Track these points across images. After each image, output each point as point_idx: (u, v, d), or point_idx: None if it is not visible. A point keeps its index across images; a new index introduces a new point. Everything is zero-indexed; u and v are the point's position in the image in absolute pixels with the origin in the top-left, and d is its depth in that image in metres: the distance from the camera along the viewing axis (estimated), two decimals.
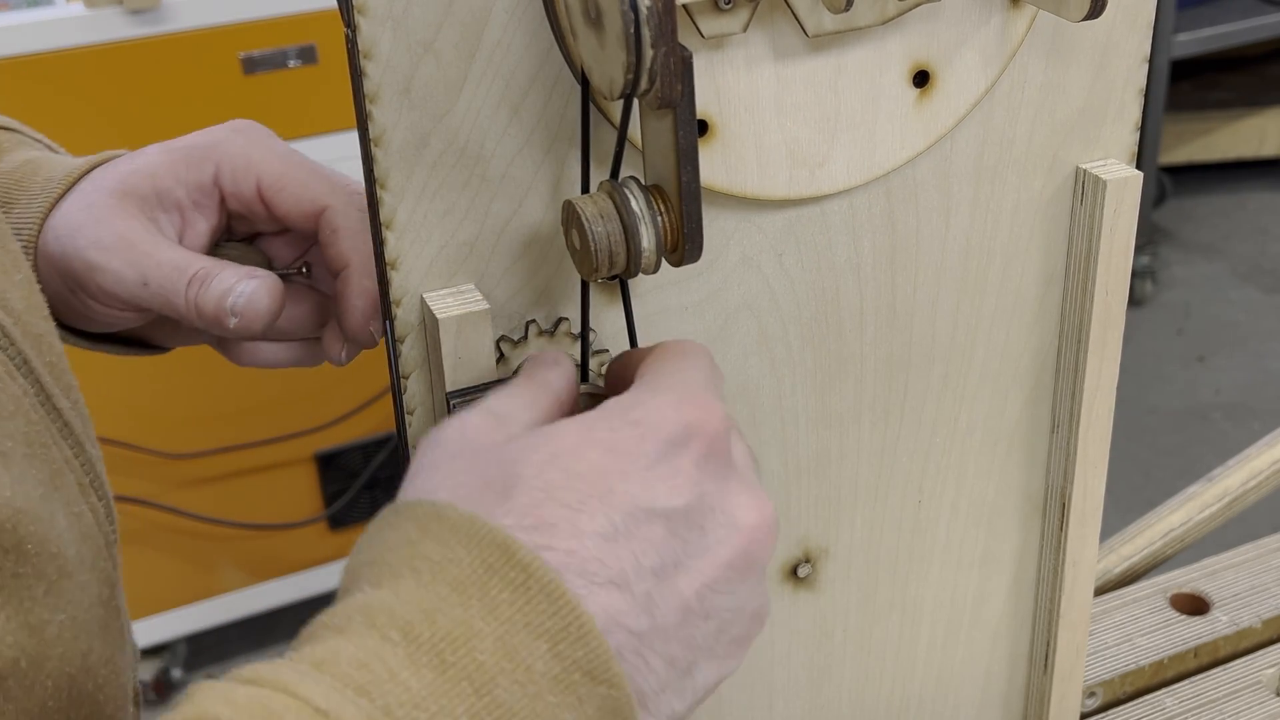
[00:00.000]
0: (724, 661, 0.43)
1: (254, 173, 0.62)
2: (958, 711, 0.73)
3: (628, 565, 0.40)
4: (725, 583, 0.42)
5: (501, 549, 0.39)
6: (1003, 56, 0.56)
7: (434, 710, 0.36)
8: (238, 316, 0.58)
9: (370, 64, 0.47)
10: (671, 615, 0.41)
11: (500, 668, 0.37)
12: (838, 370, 0.61)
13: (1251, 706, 0.82)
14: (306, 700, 0.36)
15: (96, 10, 1.66)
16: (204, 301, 0.58)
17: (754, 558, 0.43)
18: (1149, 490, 2.48)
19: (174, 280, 0.59)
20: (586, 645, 0.38)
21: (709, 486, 0.42)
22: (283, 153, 0.63)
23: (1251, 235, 3.35)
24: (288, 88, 1.78)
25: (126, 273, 0.59)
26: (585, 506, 0.40)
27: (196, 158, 0.62)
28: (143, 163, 0.62)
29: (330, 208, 0.61)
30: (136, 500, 1.88)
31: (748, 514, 0.43)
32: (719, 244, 0.55)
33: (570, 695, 0.38)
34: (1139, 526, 0.98)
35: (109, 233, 0.59)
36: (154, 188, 0.61)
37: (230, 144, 0.62)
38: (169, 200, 0.61)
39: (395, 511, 0.42)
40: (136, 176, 0.61)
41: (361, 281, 0.60)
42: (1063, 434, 0.66)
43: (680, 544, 0.41)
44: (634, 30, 0.41)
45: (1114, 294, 0.62)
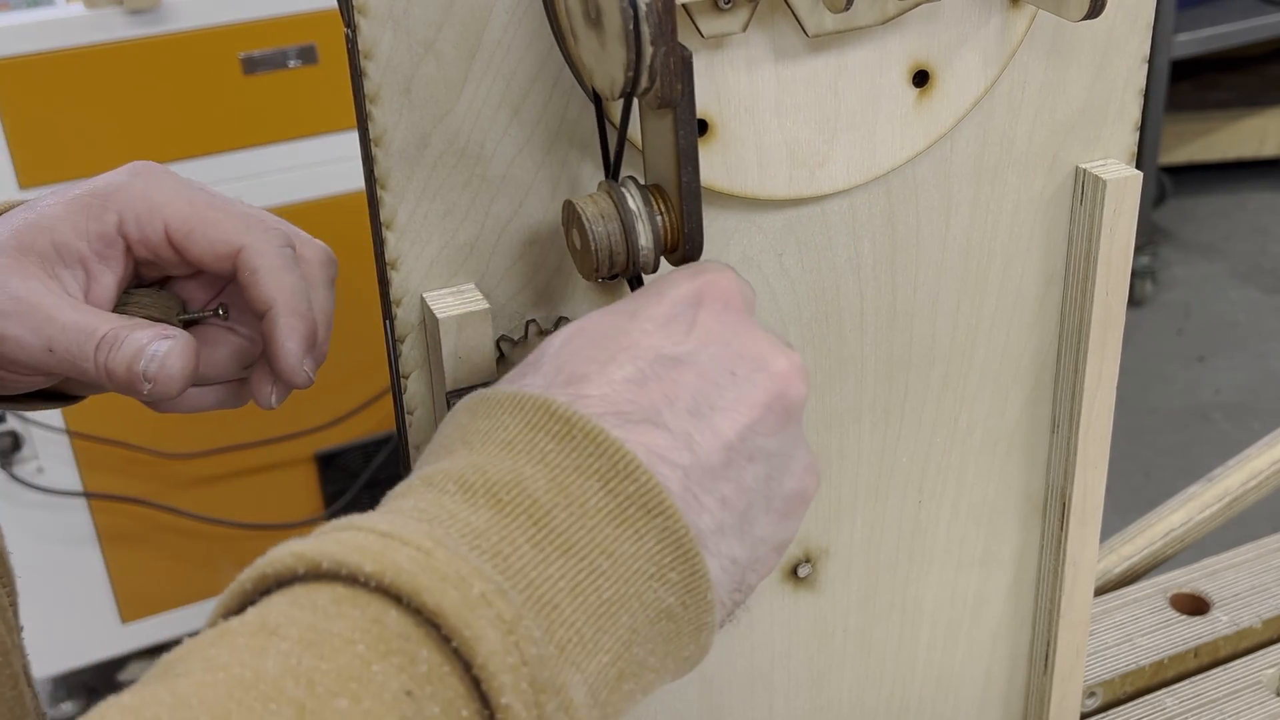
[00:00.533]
0: (783, 520, 0.45)
1: (159, 217, 0.58)
2: (958, 712, 0.73)
3: (660, 404, 0.42)
4: (764, 424, 0.44)
5: (543, 409, 0.41)
6: (1003, 56, 0.56)
7: (496, 540, 0.38)
8: (151, 382, 0.55)
9: (370, 64, 0.47)
10: (715, 454, 0.43)
11: (555, 503, 0.39)
12: (838, 370, 0.61)
13: (1251, 706, 0.82)
14: (371, 528, 0.38)
15: (96, 10, 1.66)
16: (114, 365, 0.55)
17: (790, 401, 0.44)
18: (1149, 490, 2.48)
19: (81, 344, 0.55)
20: (636, 480, 0.40)
21: (732, 336, 0.44)
22: (189, 193, 0.59)
23: (1251, 235, 3.35)
24: (288, 88, 1.78)
25: (29, 339, 0.55)
26: (613, 359, 0.43)
27: (96, 207, 0.58)
28: (38, 216, 0.58)
29: (246, 247, 0.57)
30: (136, 500, 1.88)
31: (776, 359, 0.45)
32: (719, 244, 0.55)
33: (628, 528, 0.40)
34: (1139, 526, 0.98)
35: (5, 297, 0.55)
36: (52, 242, 0.57)
37: (131, 189, 0.58)
38: (70, 254, 0.57)
39: (451, 411, 0.44)
40: (33, 231, 0.57)
41: (290, 321, 0.57)
42: (1063, 434, 0.66)
43: (712, 387, 0.43)
44: (633, 27, 0.41)
45: (1114, 294, 0.62)
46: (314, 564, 0.37)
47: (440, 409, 0.53)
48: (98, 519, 1.89)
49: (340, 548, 0.37)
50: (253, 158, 1.79)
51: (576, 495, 0.40)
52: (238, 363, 0.62)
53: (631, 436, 0.41)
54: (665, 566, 0.40)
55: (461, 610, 0.36)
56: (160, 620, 2.01)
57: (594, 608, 0.39)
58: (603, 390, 0.42)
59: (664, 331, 0.44)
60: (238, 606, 0.38)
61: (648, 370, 0.43)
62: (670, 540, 0.40)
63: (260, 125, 1.78)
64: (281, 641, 0.35)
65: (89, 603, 1.94)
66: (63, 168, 1.71)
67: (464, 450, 0.41)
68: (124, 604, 1.97)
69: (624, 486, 0.40)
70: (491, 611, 0.36)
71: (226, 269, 0.58)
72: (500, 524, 0.39)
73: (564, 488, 0.40)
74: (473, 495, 0.39)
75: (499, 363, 0.53)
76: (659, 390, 0.42)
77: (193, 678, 0.34)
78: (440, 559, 0.37)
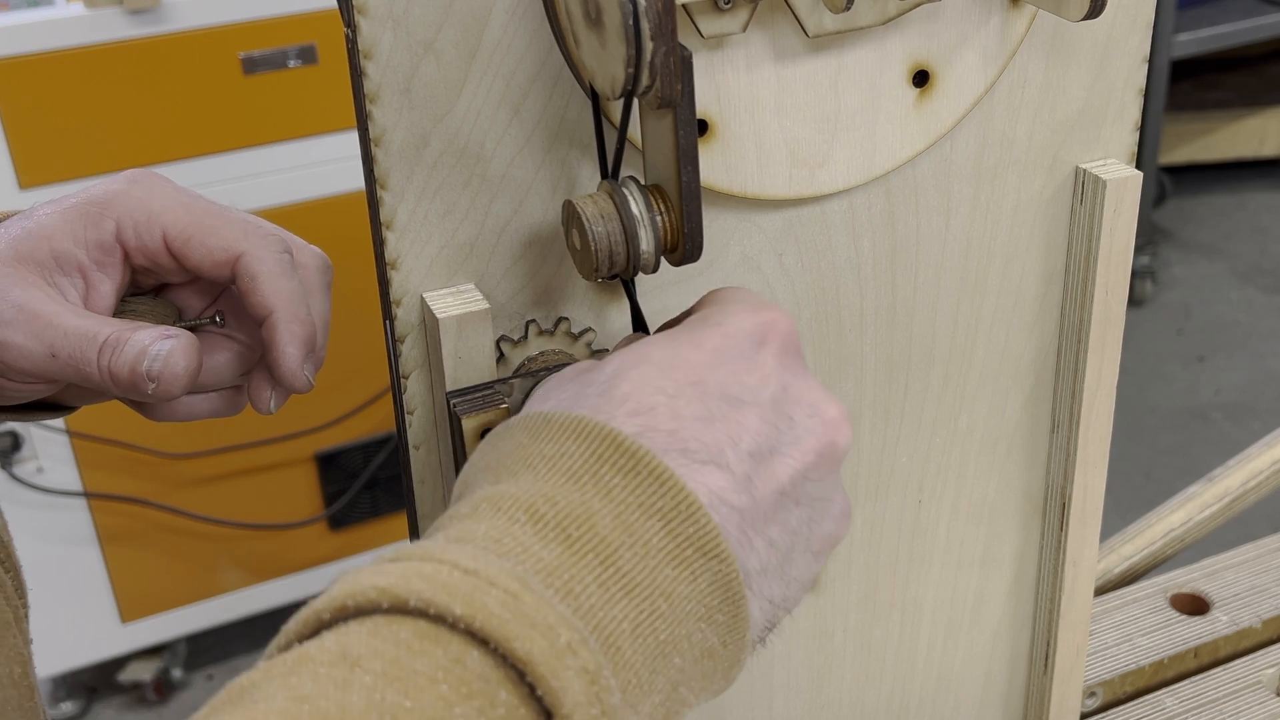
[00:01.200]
0: (816, 557, 0.46)
1: (157, 225, 0.58)
2: (958, 711, 0.73)
3: (726, 445, 0.43)
4: (815, 470, 0.45)
5: (609, 440, 0.41)
6: (1003, 56, 0.56)
7: (567, 578, 0.39)
8: (155, 381, 0.55)
9: (370, 64, 0.47)
10: (769, 498, 0.43)
11: (621, 542, 0.40)
12: (838, 370, 0.61)
13: (1251, 706, 0.82)
14: (455, 563, 0.38)
15: (96, 10, 1.66)
16: (118, 368, 0.55)
17: (839, 448, 0.45)
18: (1149, 490, 2.48)
19: (83, 349, 0.55)
20: (696, 523, 0.41)
21: (791, 380, 0.45)
22: (186, 201, 0.59)
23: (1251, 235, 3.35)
24: (288, 88, 1.78)
25: (32, 346, 0.55)
26: (681, 393, 0.43)
27: (94, 215, 0.58)
28: (35, 225, 0.58)
29: (245, 253, 0.58)
30: (136, 500, 1.88)
31: (829, 406, 0.45)
32: (719, 244, 0.55)
33: (685, 569, 0.40)
34: (1139, 526, 0.98)
35: (6, 305, 0.56)
36: (51, 251, 0.57)
37: (128, 197, 0.59)
38: (68, 263, 0.58)
39: (506, 426, 0.44)
40: (30, 241, 0.57)
41: (290, 327, 0.57)
42: (1063, 434, 0.66)
43: (773, 430, 0.44)
44: (633, 23, 0.41)
45: (1114, 294, 0.62)
46: (400, 600, 0.36)
47: (440, 409, 0.53)
48: (98, 519, 1.89)
49: (427, 585, 0.37)
50: (253, 158, 1.79)
51: (640, 534, 0.40)
52: (235, 369, 0.62)
53: (695, 476, 0.42)
54: (714, 609, 0.41)
55: (550, 659, 0.36)
56: (160, 620, 2.01)
57: (651, 649, 0.39)
58: (670, 425, 0.42)
59: (729, 368, 0.44)
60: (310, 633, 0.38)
61: (714, 409, 0.43)
62: (721, 583, 0.41)
63: (260, 125, 1.78)
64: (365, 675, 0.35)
65: (89, 603, 1.94)
66: (63, 168, 1.71)
67: (528, 475, 0.41)
68: (124, 604, 1.97)
69: (684, 528, 0.40)
70: (577, 662, 0.37)
71: (225, 275, 0.58)
72: (570, 561, 0.39)
73: (628, 526, 0.40)
74: (544, 529, 0.40)
75: (499, 363, 0.53)
76: (724, 430, 0.43)
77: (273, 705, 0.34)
78: (529, 604, 0.37)
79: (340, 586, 0.38)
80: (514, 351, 0.54)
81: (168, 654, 2.11)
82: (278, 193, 1.81)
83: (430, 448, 0.54)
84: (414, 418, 0.54)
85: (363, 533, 2.08)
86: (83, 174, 1.72)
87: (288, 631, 0.38)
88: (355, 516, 2.06)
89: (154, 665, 2.09)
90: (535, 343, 0.54)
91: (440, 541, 0.39)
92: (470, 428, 0.49)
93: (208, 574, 2.01)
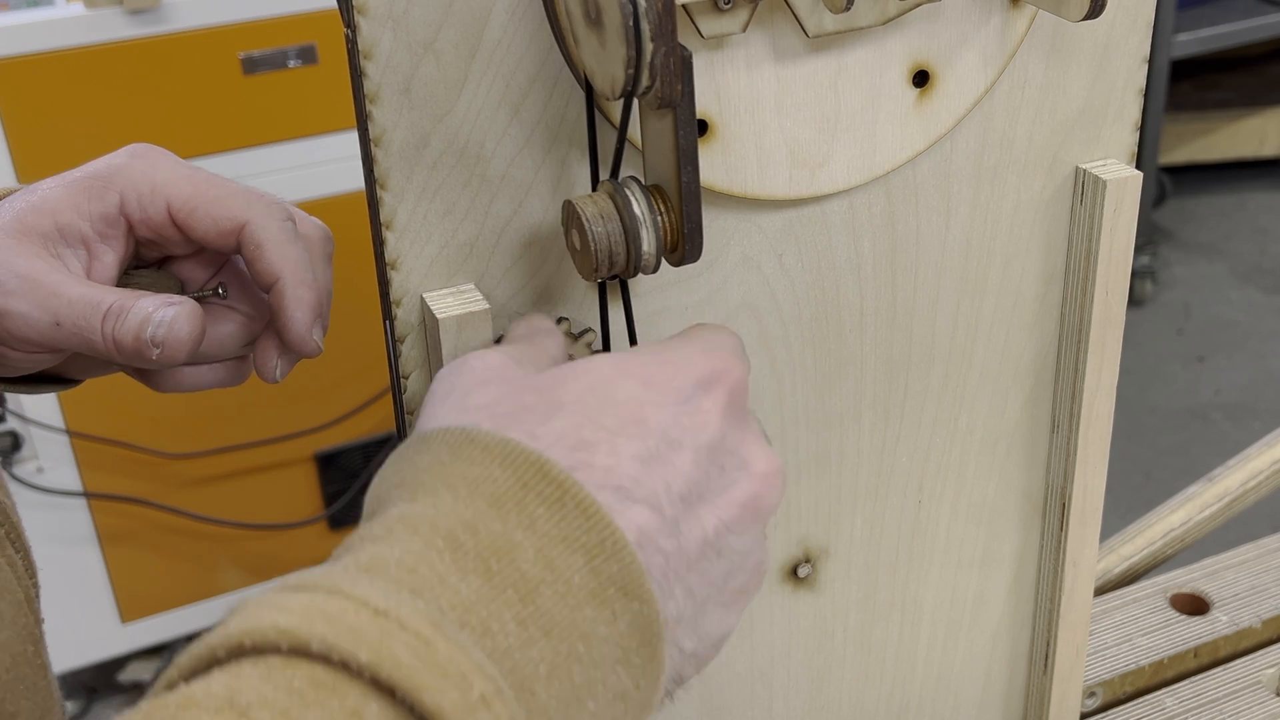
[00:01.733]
0: (728, 611, 0.45)
1: (162, 196, 0.59)
2: (958, 711, 0.73)
3: (659, 488, 0.42)
4: (738, 523, 0.44)
5: (536, 466, 0.40)
6: (1003, 56, 0.56)
7: (484, 615, 0.37)
8: (159, 347, 0.55)
9: (370, 64, 0.47)
10: (693, 545, 0.42)
11: (542, 578, 0.38)
12: (838, 370, 0.61)
13: (1251, 706, 0.82)
14: (364, 601, 0.35)
15: (96, 10, 1.66)
16: (122, 335, 0.56)
17: (764, 504, 0.45)
18: (1149, 490, 2.48)
19: (88, 317, 0.56)
20: (620, 560, 0.39)
21: (729, 430, 0.44)
22: (188, 173, 0.60)
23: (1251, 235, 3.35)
24: (288, 88, 1.78)
25: (36, 314, 0.56)
26: (623, 430, 0.42)
27: (98, 188, 0.59)
28: (39, 199, 0.59)
29: (250, 221, 0.58)
30: (136, 500, 1.88)
31: (760, 461, 0.45)
32: (719, 244, 0.55)
33: (605, 610, 0.39)
34: (1139, 526, 0.98)
35: (10, 275, 0.56)
36: (55, 223, 0.58)
37: (131, 170, 0.59)
38: (72, 235, 0.58)
39: (422, 439, 0.42)
40: (34, 214, 0.58)
41: (297, 292, 0.58)
42: (1063, 434, 0.66)
43: (704, 477, 0.43)
44: (633, 23, 0.41)
45: (1114, 294, 0.62)
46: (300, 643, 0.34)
47: None
48: (98, 519, 1.89)
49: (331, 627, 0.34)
50: (253, 158, 1.79)
51: (562, 571, 0.39)
52: (239, 340, 0.63)
53: (626, 514, 0.41)
54: (631, 651, 0.40)
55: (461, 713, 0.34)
56: (160, 620, 2.01)
57: (566, 693, 0.38)
58: (607, 461, 0.41)
59: (674, 410, 0.43)
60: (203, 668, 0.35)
61: (654, 450, 0.42)
62: (640, 624, 0.40)
63: (260, 125, 1.78)
64: None
65: (89, 603, 1.94)
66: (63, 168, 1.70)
67: (448, 496, 0.40)
68: (124, 604, 1.97)
69: (608, 566, 0.39)
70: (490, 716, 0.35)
71: (230, 245, 0.59)
72: (489, 596, 0.37)
73: (550, 561, 0.39)
74: (463, 559, 0.38)
75: None
76: (660, 474, 0.42)
77: None
78: (442, 652, 0.35)
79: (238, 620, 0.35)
80: None
81: (168, 654, 2.11)
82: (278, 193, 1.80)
83: None
84: (414, 418, 0.54)
85: None
86: None
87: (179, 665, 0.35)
88: (355, 516, 2.06)
89: (154, 665, 2.09)
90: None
91: (350, 570, 0.37)
92: None
93: (208, 574, 2.01)
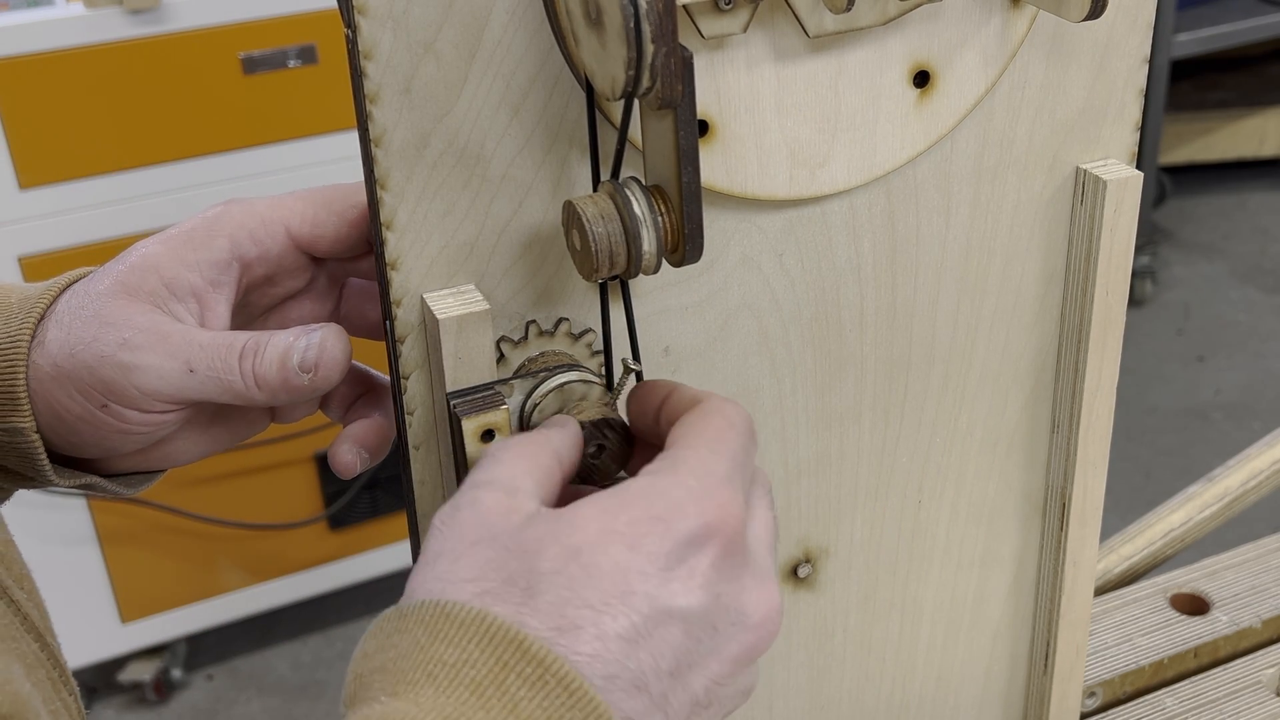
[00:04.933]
0: None
1: (277, 224, 0.58)
2: (958, 711, 0.73)
3: (647, 667, 0.41)
4: (731, 676, 0.44)
5: (515, 645, 0.39)
6: (1003, 57, 0.56)
7: None
8: (311, 371, 0.54)
9: (370, 64, 0.47)
10: (682, 710, 0.42)
11: None
12: (838, 370, 0.61)
13: (1251, 706, 0.82)
14: None
15: (96, 10, 1.66)
16: (264, 368, 0.54)
17: (759, 650, 0.44)
18: (1149, 490, 2.48)
19: (224, 357, 0.55)
20: None
21: (724, 587, 0.43)
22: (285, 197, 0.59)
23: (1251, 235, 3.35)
24: (288, 88, 1.78)
25: (168, 365, 0.54)
26: (608, 608, 0.41)
27: (202, 237, 0.57)
28: (138, 259, 0.57)
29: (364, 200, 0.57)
30: (136, 500, 1.88)
31: (757, 609, 0.44)
32: (719, 244, 0.55)
33: None
34: (1139, 526, 0.98)
35: (134, 331, 0.55)
36: (161, 279, 0.57)
37: (231, 214, 0.58)
38: (182, 288, 0.57)
39: (400, 615, 0.42)
40: (136, 274, 0.57)
41: None
42: (1063, 434, 0.66)
43: (695, 644, 0.42)
44: (634, 25, 0.41)
45: (1114, 294, 0.62)
46: None
47: (440, 409, 0.53)
48: (98, 519, 1.89)
49: None
50: (253, 158, 1.79)
51: None
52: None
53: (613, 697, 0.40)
54: None
55: None
56: (160, 620, 2.01)
57: None
58: (594, 647, 0.40)
59: (662, 579, 0.42)
60: None
61: (641, 627, 0.41)
62: None
63: (260, 125, 1.78)
64: None
65: (89, 603, 1.94)
66: (63, 168, 1.71)
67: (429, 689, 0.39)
68: (124, 604, 1.97)
69: None
70: None
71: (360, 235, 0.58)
72: None
73: None
74: None
75: (499, 363, 0.53)
76: (648, 652, 0.41)
77: None
78: None
79: None
80: (514, 352, 0.54)
81: (168, 654, 2.11)
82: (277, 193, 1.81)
83: (430, 448, 0.54)
84: (414, 418, 0.54)
85: (363, 533, 2.08)
86: (83, 174, 1.72)
87: None
88: (355, 516, 2.06)
89: (154, 665, 2.09)
90: (535, 343, 0.54)
91: None
92: (470, 428, 0.49)
93: (208, 574, 2.01)
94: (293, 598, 2.07)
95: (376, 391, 0.61)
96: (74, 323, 0.56)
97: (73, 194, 1.73)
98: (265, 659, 2.18)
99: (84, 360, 0.55)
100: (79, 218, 1.74)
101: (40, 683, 0.50)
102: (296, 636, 2.21)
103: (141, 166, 1.75)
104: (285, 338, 0.55)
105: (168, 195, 1.77)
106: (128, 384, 0.55)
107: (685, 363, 0.57)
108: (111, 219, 1.75)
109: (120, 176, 1.74)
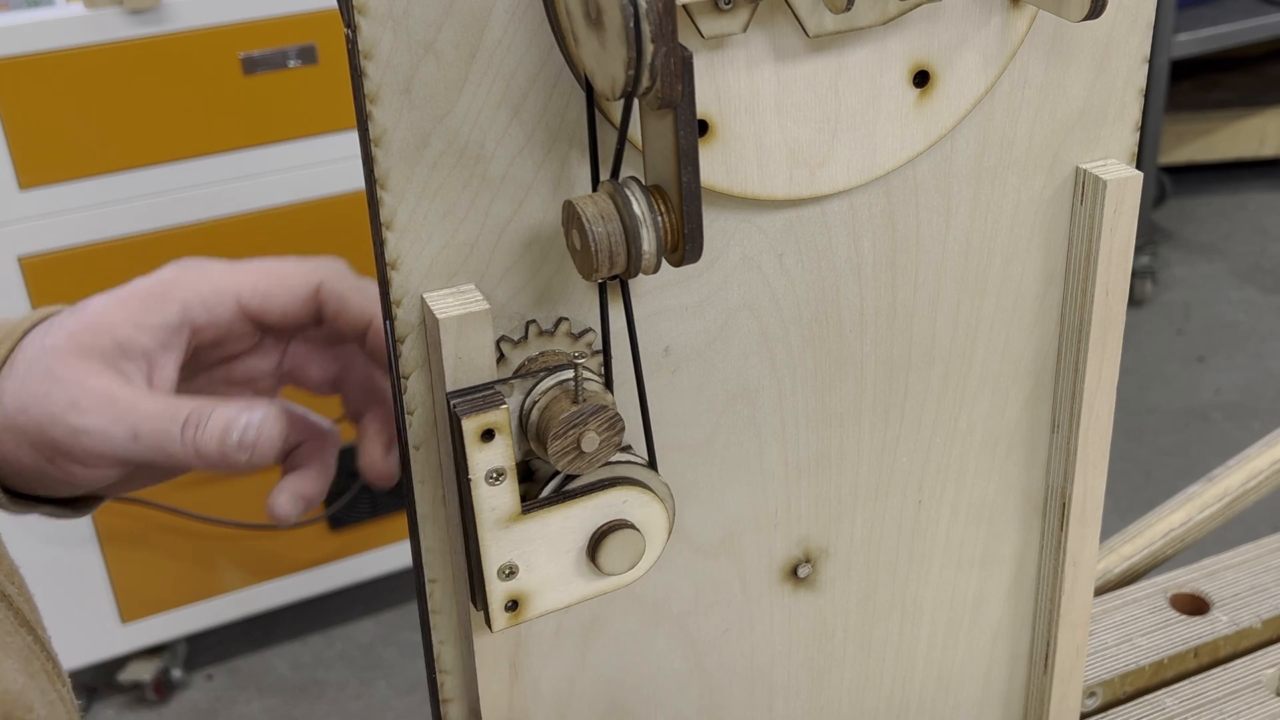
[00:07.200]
0: None
1: (229, 294, 0.60)
2: (958, 711, 0.73)
3: None
4: None
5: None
6: (1003, 56, 0.56)
7: None
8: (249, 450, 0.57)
9: (370, 64, 0.47)
10: None
11: None
12: (838, 370, 0.61)
13: (1251, 706, 0.82)
14: None
15: (96, 10, 1.66)
16: (205, 442, 0.57)
17: None
18: (1149, 490, 2.48)
19: (167, 427, 0.57)
20: None
21: None
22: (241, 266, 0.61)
23: (1251, 235, 3.35)
24: (288, 88, 1.78)
25: (114, 430, 0.57)
26: None
27: (155, 299, 0.60)
28: (92, 317, 0.59)
29: (323, 281, 0.60)
30: (136, 500, 1.88)
31: None
32: (719, 244, 0.55)
33: None
34: (1139, 526, 0.98)
35: (82, 393, 0.57)
36: (113, 340, 0.59)
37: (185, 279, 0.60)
38: (133, 349, 0.59)
39: None
40: (90, 333, 0.59)
41: None
42: (1063, 434, 0.66)
43: None
44: (633, 25, 0.41)
45: (1114, 294, 0.62)
46: None
47: (440, 409, 0.53)
48: (98, 519, 1.89)
49: None
50: (253, 158, 1.79)
51: None
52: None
53: None
54: None
55: None
56: (160, 620, 2.01)
57: None
58: None
59: None
60: None
61: None
62: None
63: (260, 125, 1.78)
64: None
65: (89, 603, 1.94)
66: (63, 168, 1.71)
67: None
68: (124, 604, 1.97)
69: None
70: None
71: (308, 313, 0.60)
72: None
73: None
74: None
75: (499, 363, 0.53)
76: None
77: None
78: None
79: None
80: (514, 352, 0.54)
81: (168, 654, 2.11)
82: (278, 193, 1.81)
83: (430, 448, 0.54)
84: (414, 418, 0.54)
85: (363, 533, 2.08)
86: (83, 174, 1.72)
87: None
88: (355, 516, 2.06)
89: (154, 665, 2.09)
90: (535, 343, 0.54)
91: None
92: (470, 428, 0.49)
93: (208, 574, 2.01)
94: (292, 598, 2.07)
95: (318, 440, 0.63)
96: (28, 375, 0.58)
97: (73, 194, 1.73)
98: (265, 659, 2.18)
99: (34, 418, 0.58)
100: (79, 218, 1.74)
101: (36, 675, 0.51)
102: (296, 636, 2.21)
103: (141, 166, 1.75)
104: (228, 412, 0.57)
105: (168, 195, 1.77)
106: (75, 444, 0.57)
107: (685, 363, 0.57)
108: (111, 219, 1.75)
109: (120, 176, 1.74)
